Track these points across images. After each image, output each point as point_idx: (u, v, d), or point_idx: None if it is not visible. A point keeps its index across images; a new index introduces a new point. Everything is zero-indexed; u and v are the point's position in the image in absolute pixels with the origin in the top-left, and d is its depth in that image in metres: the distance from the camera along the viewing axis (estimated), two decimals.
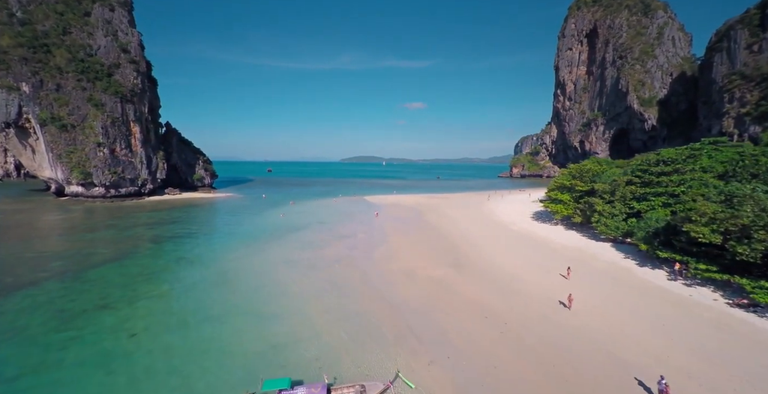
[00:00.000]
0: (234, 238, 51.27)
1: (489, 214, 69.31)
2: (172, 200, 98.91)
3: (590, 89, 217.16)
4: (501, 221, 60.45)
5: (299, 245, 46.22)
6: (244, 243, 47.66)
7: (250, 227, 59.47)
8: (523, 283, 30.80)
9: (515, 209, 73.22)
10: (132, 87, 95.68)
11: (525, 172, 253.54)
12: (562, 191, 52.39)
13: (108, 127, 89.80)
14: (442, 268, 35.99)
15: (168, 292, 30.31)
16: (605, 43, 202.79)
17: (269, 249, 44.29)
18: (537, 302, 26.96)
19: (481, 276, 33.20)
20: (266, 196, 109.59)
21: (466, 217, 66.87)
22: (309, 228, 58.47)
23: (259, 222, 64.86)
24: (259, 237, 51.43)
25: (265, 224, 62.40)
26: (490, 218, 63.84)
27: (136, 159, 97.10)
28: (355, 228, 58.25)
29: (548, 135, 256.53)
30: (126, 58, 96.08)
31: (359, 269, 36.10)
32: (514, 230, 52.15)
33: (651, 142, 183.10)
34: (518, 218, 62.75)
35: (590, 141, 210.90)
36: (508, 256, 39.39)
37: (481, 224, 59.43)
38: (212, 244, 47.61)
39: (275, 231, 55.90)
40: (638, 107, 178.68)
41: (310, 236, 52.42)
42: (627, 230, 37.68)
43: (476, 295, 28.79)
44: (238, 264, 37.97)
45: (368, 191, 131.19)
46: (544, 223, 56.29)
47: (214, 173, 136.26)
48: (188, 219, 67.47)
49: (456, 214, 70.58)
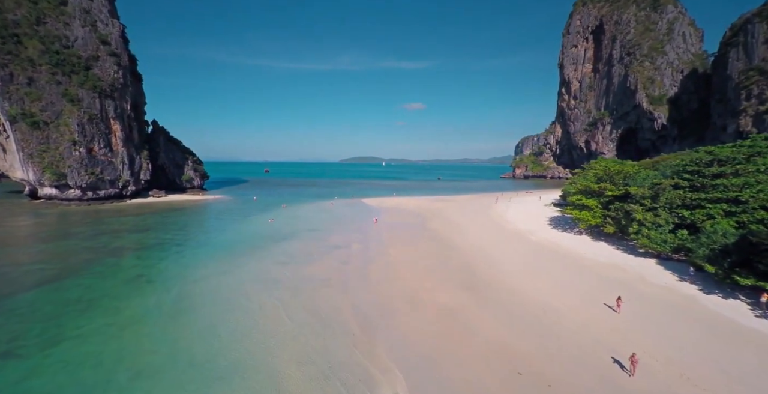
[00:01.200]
0: (210, 249, 44.46)
1: (500, 220, 62.50)
2: (157, 202, 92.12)
3: (596, 87, 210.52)
4: (516, 229, 53.57)
5: (283, 259, 39.44)
6: (219, 256, 40.88)
7: (231, 235, 52.66)
8: (559, 317, 23.99)
9: (528, 214, 66.39)
10: (112, 82, 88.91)
11: (528, 173, 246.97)
12: (587, 196, 45.57)
13: (85, 124, 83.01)
14: (453, 291, 29.24)
15: (102, 329, 23.49)
16: (612, 39, 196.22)
17: (246, 265, 37.50)
18: (585, 350, 20.05)
19: (502, 304, 26.43)
20: (257, 198, 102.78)
21: (475, 223, 60.09)
22: (298, 237, 51.68)
23: (243, 229, 58.06)
24: (239, 248, 44.64)
25: (249, 232, 55.62)
26: (502, 226, 56.99)
27: (117, 159, 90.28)
28: (350, 237, 51.48)
29: (552, 135, 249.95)
30: (106, 51, 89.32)
31: (351, 292, 29.33)
32: (533, 241, 45.31)
33: (660, 142, 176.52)
34: (534, 225, 55.88)
35: (596, 141, 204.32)
36: (532, 275, 32.60)
37: (494, 232, 52.63)
38: (182, 257, 40.80)
39: (259, 240, 49.11)
40: (647, 106, 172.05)
41: (298, 246, 45.63)
42: (677, 244, 30.94)
43: (500, 334, 22.03)
44: (204, 286, 31.15)
45: (367, 193, 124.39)
46: (566, 232, 49.46)
47: (205, 174, 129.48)
48: (165, 225, 60.67)
49: (463, 220, 63.80)
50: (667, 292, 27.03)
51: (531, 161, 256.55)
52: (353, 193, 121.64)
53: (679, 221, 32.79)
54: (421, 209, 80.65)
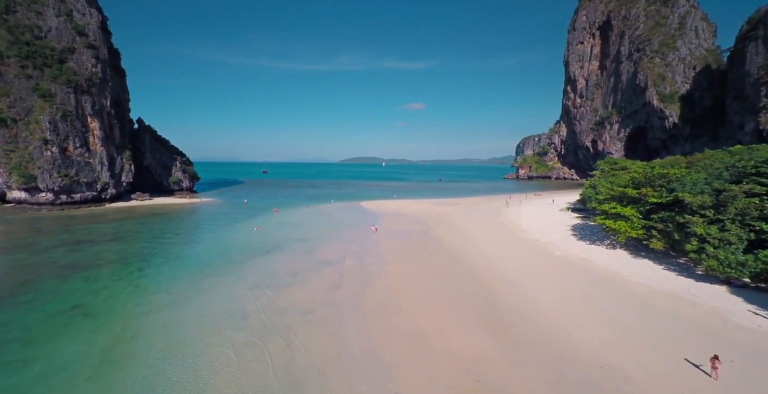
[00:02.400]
0: (177, 266, 37.67)
1: (514, 228, 55.57)
2: (138, 206, 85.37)
3: (603, 85, 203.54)
4: (535, 240, 46.56)
5: (260, 281, 32.65)
6: (185, 276, 34.08)
7: (208, 247, 45.85)
8: (629, 381, 17.11)
9: (545, 221, 59.46)
10: (89, 76, 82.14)
11: (532, 174, 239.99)
12: (623, 203, 38.69)
13: (58, 121, 76.25)
14: (471, 333, 22.45)
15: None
16: (620, 35, 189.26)
17: (213, 289, 30.69)
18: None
19: (542, 357, 19.58)
20: (248, 201, 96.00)
21: (486, 232, 53.20)
22: (284, 249, 44.88)
23: (223, 239, 51.26)
24: (212, 265, 37.85)
25: (229, 242, 48.82)
26: (518, 235, 50.03)
27: (95, 160, 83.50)
28: (345, 249, 44.68)
29: (557, 134, 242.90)
30: (82, 43, 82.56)
31: (339, 335, 22.52)
32: (558, 257, 38.38)
33: (671, 142, 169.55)
34: (555, 234, 48.89)
35: (603, 140, 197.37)
36: (569, 306, 25.75)
37: (509, 244, 45.73)
38: (140, 278, 33.99)
39: (237, 254, 42.32)
40: (658, 103, 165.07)
41: (282, 262, 38.83)
42: (761, 268, 24.07)
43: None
44: (152, 323, 24.37)
45: (366, 195, 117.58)
46: (595, 244, 42.47)
47: (195, 175, 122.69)
48: (138, 234, 53.89)
49: (472, 228, 56.92)
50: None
51: (535, 161, 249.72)
52: (351, 196, 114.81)
53: (756, 236, 26.01)
54: (424, 213, 73.82)
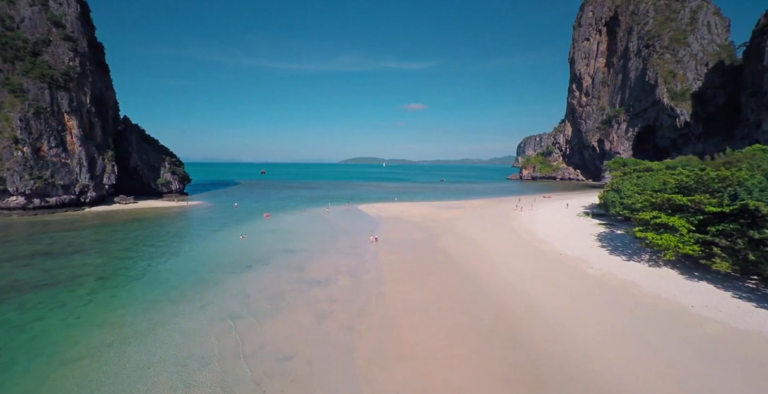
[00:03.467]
0: (137, 288, 31.61)
1: (530, 237, 49.36)
2: (120, 211, 79.40)
3: (610, 83, 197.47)
4: (559, 254, 40.27)
5: (232, 308, 26.62)
6: (142, 302, 28.07)
7: (181, 262, 39.81)
8: None
9: (564, 229, 53.26)
10: (66, 70, 76.18)
11: (536, 174, 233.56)
12: (667, 212, 32.50)
13: (30, 119, 70.29)
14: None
15: None
16: (628, 31, 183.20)
17: (173, 321, 24.66)
18: None
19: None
20: (239, 205, 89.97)
21: (500, 242, 47.06)
22: (269, 263, 38.85)
23: (202, 250, 45.23)
24: (179, 286, 31.82)
25: (208, 255, 42.80)
26: (537, 247, 43.76)
27: (73, 160, 77.51)
28: (339, 263, 38.64)
29: (562, 134, 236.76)
30: (59, 34, 76.62)
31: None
32: (593, 277, 32.06)
33: (682, 141, 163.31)
34: (580, 246, 42.57)
35: (610, 140, 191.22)
36: (628, 352, 19.63)
37: (530, 258, 39.58)
38: (87, 305, 27.94)
39: (214, 270, 36.28)
40: (668, 101, 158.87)
41: (262, 281, 32.79)
42: None
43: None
44: (80, 377, 18.32)
45: (366, 197, 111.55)
46: (633, 260, 36.02)
47: (186, 177, 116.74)
48: (106, 244, 47.86)
49: (483, 237, 50.77)
50: None
51: (539, 162, 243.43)
52: (351, 198, 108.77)
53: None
54: (428, 218, 67.74)
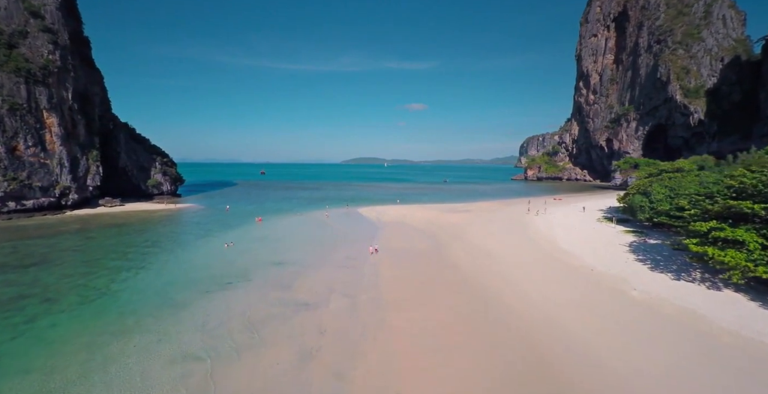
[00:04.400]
0: (87, 313, 26.30)
1: (551, 246, 43.68)
2: (104, 214, 74.32)
3: (619, 80, 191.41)
4: (592, 271, 34.53)
5: (196, 342, 21.24)
6: (87, 333, 22.74)
7: (149, 277, 34.47)
8: None
9: (587, 237, 47.50)
10: (45, 64, 71.13)
11: (542, 175, 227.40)
12: (727, 222, 26.81)
13: (5, 116, 65.28)
14: None
15: None
16: (638, 26, 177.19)
17: (118, 361, 19.28)
18: None
19: None
20: (231, 207, 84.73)
21: (518, 254, 41.46)
22: (251, 279, 33.48)
23: (178, 262, 39.91)
24: (139, 310, 26.50)
25: (183, 268, 37.47)
26: (561, 259, 38.02)
27: (53, 161, 72.45)
28: (333, 280, 33.23)
29: (568, 133, 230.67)
30: (37, 26, 71.60)
31: None
32: (643, 304, 25.69)
33: (695, 140, 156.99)
34: (615, 260, 36.43)
35: (619, 139, 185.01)
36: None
37: (556, 274, 33.93)
38: (15, 339, 22.57)
39: (184, 289, 30.93)
40: (681, 99, 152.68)
41: (240, 304, 27.41)
42: None
43: None
44: None
45: (366, 199, 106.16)
46: (683, 279, 29.44)
47: (178, 178, 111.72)
48: (74, 254, 42.61)
49: (497, 246, 45.17)
50: None
51: (544, 162, 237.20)
52: (350, 200, 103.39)
53: None
54: (433, 223, 62.26)
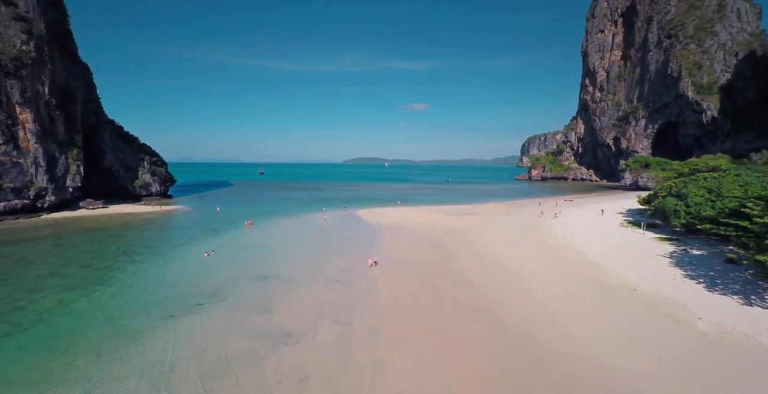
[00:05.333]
0: (5, 352, 20.84)
1: (575, 257, 38.00)
2: (83, 217, 68.99)
3: (627, 77, 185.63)
4: (636, 290, 28.82)
5: (137, 392, 15.78)
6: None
7: (103, 298, 28.99)
8: None
9: (614, 245, 41.78)
10: (18, 55, 65.82)
11: (547, 175, 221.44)
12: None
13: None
14: None
15: None
16: (647, 21, 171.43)
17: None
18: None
19: None
20: (221, 210, 79.33)
21: (539, 267, 35.79)
22: (225, 300, 27.98)
23: (147, 276, 34.43)
24: (71, 347, 21.04)
25: (148, 284, 31.98)
26: (594, 275, 32.11)
27: (27, 160, 67.14)
28: (322, 300, 27.72)
29: (573, 132, 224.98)
30: (9, 14, 66.30)
31: None
32: (715, 339, 19.51)
33: (708, 139, 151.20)
34: (659, 277, 30.71)
35: (627, 138, 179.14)
36: None
37: (593, 296, 28.15)
38: None
39: (141, 313, 25.47)
40: (693, 95, 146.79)
41: (202, 337, 21.91)
42: None
43: None
44: None
45: (366, 201, 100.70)
46: (755, 304, 24.10)
47: (168, 178, 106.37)
48: (29, 266, 37.17)
49: (514, 256, 39.53)
50: None
51: (549, 161, 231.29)
52: (349, 201, 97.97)
53: None
54: (438, 228, 56.72)
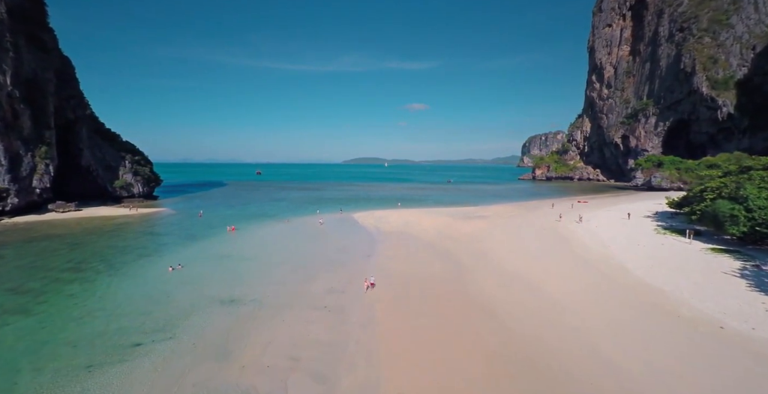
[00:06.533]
0: None
1: (623, 276, 30.81)
2: (48, 222, 62.13)
3: (636, 73, 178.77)
4: (723, 327, 21.73)
5: None
6: None
7: (16, 336, 22.07)
8: None
9: (661, 256, 34.85)
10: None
11: (551, 175, 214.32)
12: None
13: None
14: None
15: None
16: (658, 13, 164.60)
17: None
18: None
19: None
20: (206, 212, 72.47)
21: (579, 288, 28.82)
22: (173, 337, 21.07)
23: (84, 302, 27.50)
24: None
25: (82, 315, 25.07)
26: (654, 303, 24.73)
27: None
28: (300, 338, 20.79)
29: (579, 130, 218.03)
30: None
31: None
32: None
33: (722, 136, 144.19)
34: (743, 305, 23.59)
35: (637, 136, 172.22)
36: None
37: (660, 335, 21.18)
38: None
39: (55, 360, 18.55)
40: (708, 91, 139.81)
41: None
42: None
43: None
44: None
45: (364, 203, 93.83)
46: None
47: (153, 178, 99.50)
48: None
49: (540, 272, 32.54)
50: None
51: (554, 161, 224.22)
52: (347, 202, 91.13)
53: None
54: (444, 235, 49.77)
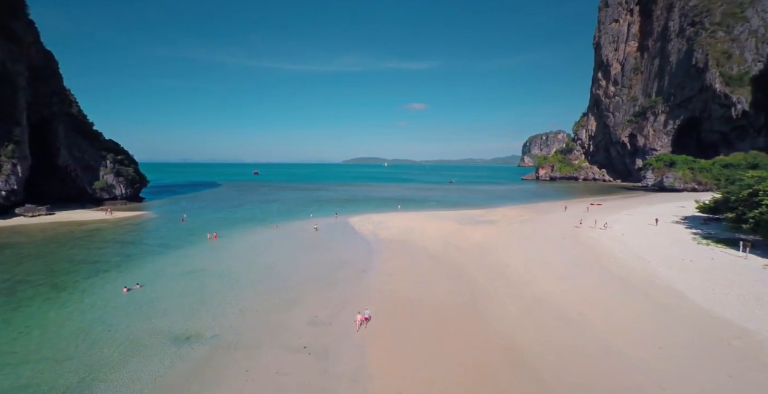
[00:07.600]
0: None
1: (675, 302, 24.82)
2: (12, 228, 56.54)
3: (644, 70, 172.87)
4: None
5: None
6: None
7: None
8: None
9: (718, 276, 28.97)
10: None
11: (556, 175, 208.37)
12: None
13: None
14: None
15: None
16: (667, 8, 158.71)
17: None
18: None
19: None
20: (190, 216, 66.74)
21: (626, 322, 23.12)
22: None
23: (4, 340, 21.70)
24: None
25: None
26: (739, 346, 19.20)
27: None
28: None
29: (584, 129, 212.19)
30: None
31: None
32: None
33: (736, 135, 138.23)
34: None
35: (645, 134, 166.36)
36: None
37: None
38: None
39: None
40: (721, 87, 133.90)
41: None
42: None
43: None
44: None
45: (362, 204, 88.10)
46: None
47: (137, 179, 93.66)
48: None
49: (573, 298, 26.64)
50: None
51: (558, 160, 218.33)
52: (343, 204, 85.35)
53: None
54: (451, 244, 43.90)
